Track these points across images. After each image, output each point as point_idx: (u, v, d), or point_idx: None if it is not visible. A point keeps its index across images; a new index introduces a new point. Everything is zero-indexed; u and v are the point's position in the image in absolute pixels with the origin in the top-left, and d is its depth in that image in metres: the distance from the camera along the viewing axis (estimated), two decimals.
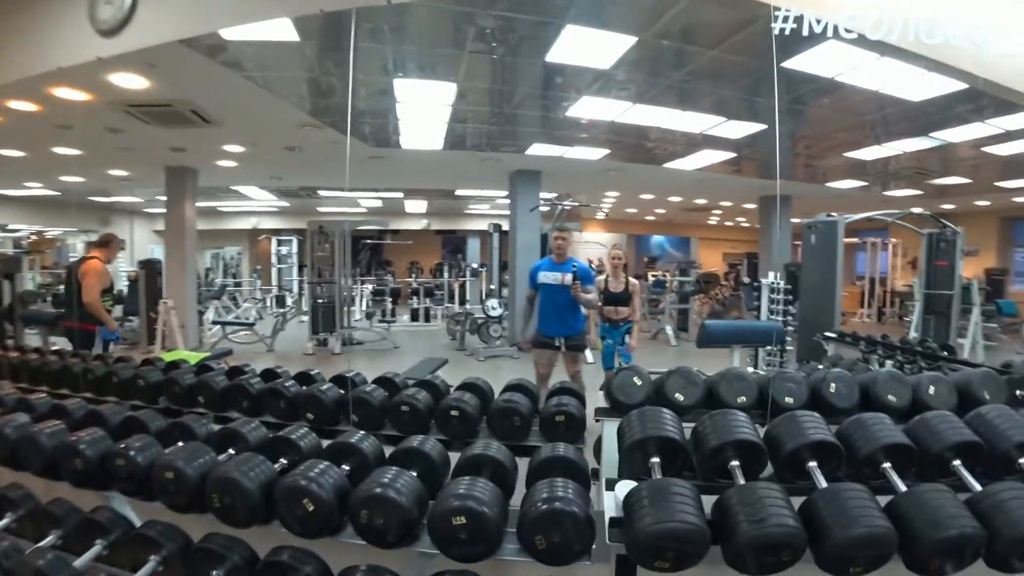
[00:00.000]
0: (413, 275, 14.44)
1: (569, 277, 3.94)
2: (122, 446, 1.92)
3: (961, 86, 4.45)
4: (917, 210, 7.48)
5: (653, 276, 11.39)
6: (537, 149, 7.52)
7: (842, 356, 5.16)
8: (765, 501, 1.30)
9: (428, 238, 17.94)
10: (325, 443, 2.03)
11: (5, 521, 1.98)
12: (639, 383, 2.20)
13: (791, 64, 4.25)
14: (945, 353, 4.51)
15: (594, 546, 1.43)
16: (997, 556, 1.39)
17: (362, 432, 1.91)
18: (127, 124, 5.95)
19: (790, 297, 6.64)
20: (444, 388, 2.61)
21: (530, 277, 4.28)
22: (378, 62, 4.52)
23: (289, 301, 12.65)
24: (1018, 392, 2.42)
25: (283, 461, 1.83)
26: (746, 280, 11.54)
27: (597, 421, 2.47)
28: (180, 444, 2.01)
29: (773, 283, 6.43)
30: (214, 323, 8.92)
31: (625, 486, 1.43)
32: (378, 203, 14.36)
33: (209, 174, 8.79)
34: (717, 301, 12.97)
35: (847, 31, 2.12)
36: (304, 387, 2.69)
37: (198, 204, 8.80)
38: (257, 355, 7.92)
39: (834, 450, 1.58)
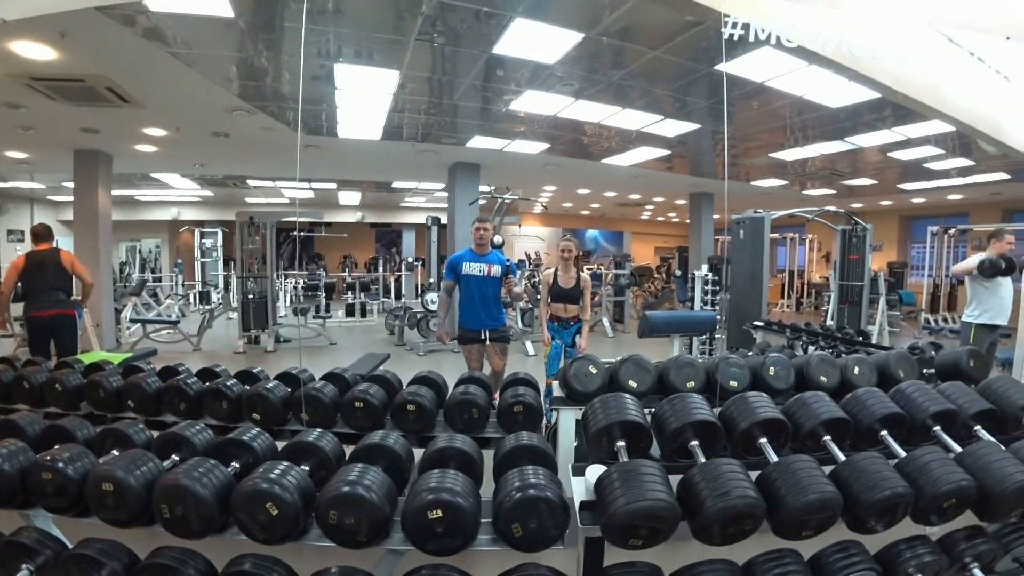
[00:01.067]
0: (347, 269, 14.04)
1: (497, 268, 3.99)
2: (47, 458, 1.75)
3: (874, 95, 4.83)
4: (833, 208, 8.05)
5: (589, 269, 11.65)
6: (477, 142, 7.49)
7: (769, 343, 5.50)
8: (727, 476, 1.38)
9: (362, 231, 17.49)
10: (279, 444, 1.96)
11: None
12: (594, 372, 2.26)
13: (722, 67, 4.45)
14: (861, 338, 4.90)
15: (567, 531, 1.46)
16: (921, 512, 1.58)
17: (319, 430, 1.84)
18: (30, 100, 5.40)
19: (716, 288, 7.00)
20: (397, 383, 2.56)
21: (449, 268, 4.11)
22: (319, 46, 4.34)
23: (215, 297, 11.98)
24: (925, 371, 2.69)
25: (235, 465, 1.74)
26: (678, 273, 12.03)
27: (553, 410, 2.52)
28: (115, 453, 1.87)
29: (705, 275, 6.76)
30: (133, 321, 8.30)
31: (595, 470, 1.47)
32: (310, 194, 13.85)
33: (125, 160, 8.13)
34: (651, 294, 13.47)
35: (788, 40, 2.25)
36: (248, 386, 2.56)
37: (112, 192, 8.14)
38: (183, 355, 7.45)
39: (781, 426, 1.69)
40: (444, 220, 9.54)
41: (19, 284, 5.02)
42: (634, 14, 3.58)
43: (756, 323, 5.92)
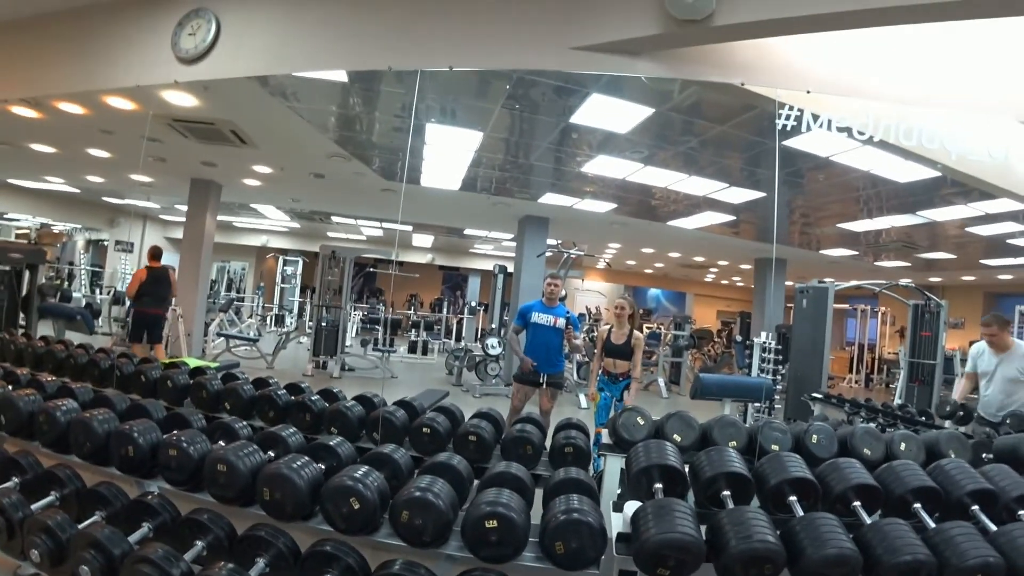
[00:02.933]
0: (412, 308, 14.68)
1: (562, 321, 4.37)
2: (174, 437, 2.12)
3: (938, 174, 4.86)
4: (904, 281, 7.82)
5: (648, 328, 11.66)
6: (548, 198, 7.89)
7: (827, 416, 5.39)
8: (752, 522, 1.53)
9: (430, 272, 18.24)
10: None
11: (51, 498, 2.15)
12: (642, 423, 2.44)
13: (790, 142, 4.63)
14: (923, 418, 4.76)
15: (603, 557, 1.65)
16: None
17: (395, 445, 2.12)
18: (167, 136, 6.22)
19: (780, 357, 6.92)
20: (460, 415, 2.83)
21: (520, 315, 4.53)
22: (415, 107, 4.87)
23: (288, 321, 12.80)
24: (984, 455, 2.67)
25: (322, 466, 2.04)
26: (739, 338, 11.82)
27: (601, 456, 2.69)
28: (222, 443, 2.22)
29: (765, 342, 6.72)
30: (219, 335, 9.06)
31: (632, 505, 1.66)
32: (380, 232, 14.68)
33: (233, 190, 9.09)
34: (709, 357, 13.24)
35: (839, 128, 2.46)
36: (328, 403, 2.90)
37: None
38: (258, 371, 8.04)
39: (811, 487, 1.82)
40: (510, 269, 9.93)
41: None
42: (698, 94, 3.87)
43: (815, 395, 5.82)
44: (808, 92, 2.68)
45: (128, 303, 10.50)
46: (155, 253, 6.78)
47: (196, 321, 8.40)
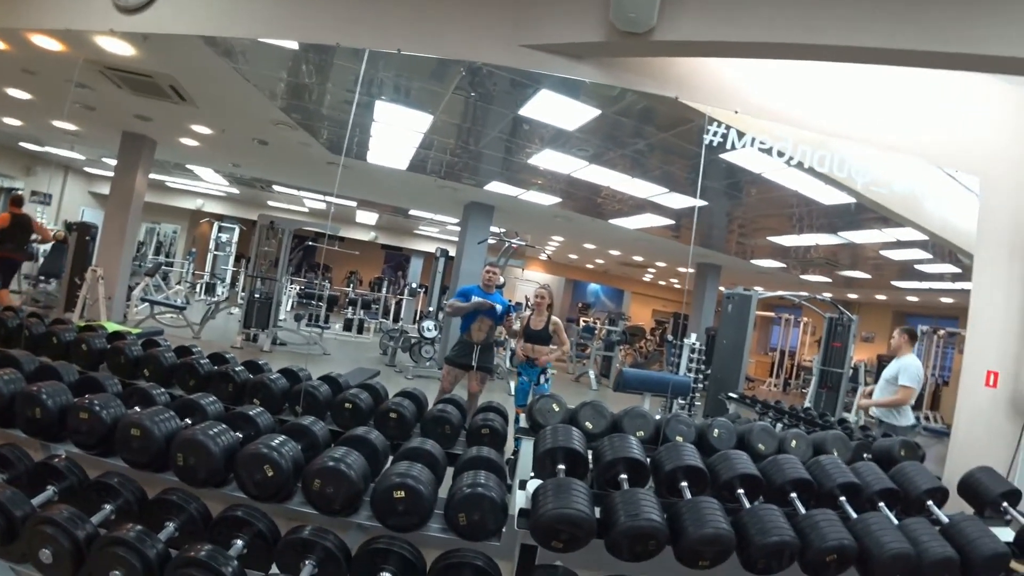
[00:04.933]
0: (351, 285, 14.42)
1: (499, 308, 4.50)
2: (86, 400, 2.08)
3: (852, 200, 5.27)
4: (821, 296, 8.40)
5: (584, 322, 11.97)
6: (494, 186, 7.96)
7: (740, 415, 5.79)
8: (641, 502, 1.68)
9: (371, 250, 17.94)
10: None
11: None
12: (556, 409, 2.57)
13: (728, 156, 4.89)
14: (822, 421, 5.20)
15: (504, 529, 1.76)
16: (809, 565, 1.84)
17: (314, 418, 2.16)
18: (98, 84, 5.82)
19: (705, 358, 7.32)
20: (384, 393, 2.88)
21: (460, 294, 4.65)
22: (367, 82, 4.81)
23: (220, 290, 12.33)
24: (865, 455, 2.98)
25: (239, 435, 2.05)
26: (670, 338, 12.33)
27: (517, 438, 2.82)
28: (137, 408, 2.19)
29: (694, 344, 7.09)
30: (143, 300, 8.65)
31: (534, 483, 1.78)
32: (322, 206, 14.29)
33: (168, 148, 8.64)
34: (640, 354, 13.75)
35: (760, 148, 2.66)
36: (253, 375, 2.89)
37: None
38: (183, 340, 7.71)
39: (702, 475, 2.00)
40: (452, 253, 9.95)
41: None
42: (643, 101, 4.04)
43: (731, 395, 6.22)
44: (736, 112, 2.87)
45: (41, 260, 9.91)
46: (16, 200, 6.86)
47: (119, 284, 7.97)
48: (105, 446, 2.06)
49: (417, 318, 10.83)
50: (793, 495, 2.11)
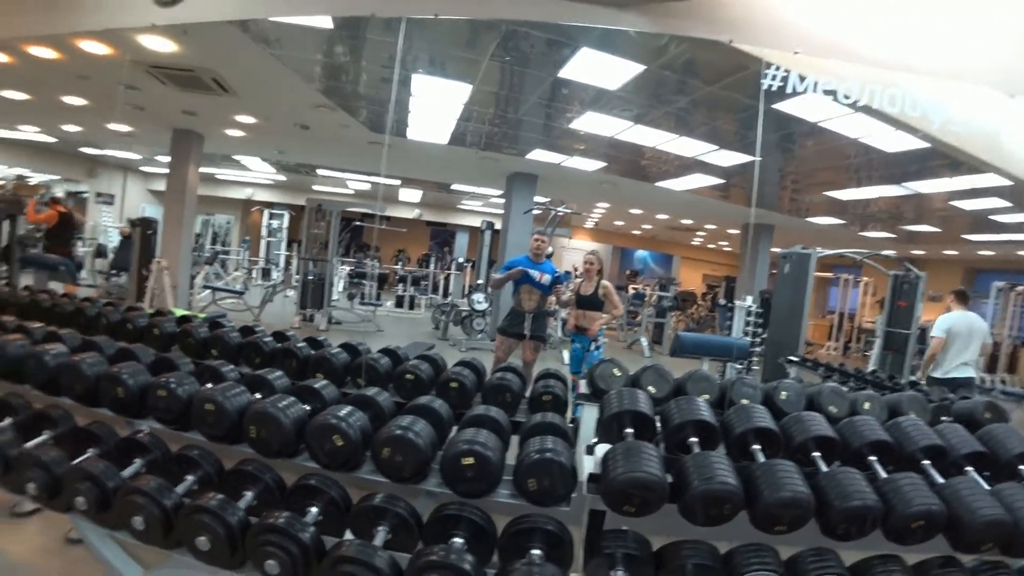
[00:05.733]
0: (400, 263, 14.66)
1: (547, 277, 4.48)
2: (163, 379, 2.17)
3: (926, 145, 4.90)
4: (885, 252, 7.96)
5: (633, 289, 11.79)
6: (537, 155, 7.84)
7: (802, 379, 5.58)
8: (714, 465, 1.63)
9: (418, 227, 18.14)
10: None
11: (44, 436, 2.21)
12: (618, 374, 2.52)
13: (781, 106, 4.63)
14: (892, 383, 4.95)
15: (573, 494, 1.75)
16: (893, 530, 1.75)
17: (378, 388, 2.19)
18: (144, 83, 6.05)
19: (761, 321, 7.08)
20: (443, 364, 2.90)
21: (507, 267, 4.63)
22: (402, 58, 4.78)
23: (275, 275, 12.76)
24: (943, 418, 2.81)
25: (306, 407, 2.10)
26: (723, 302, 12.02)
27: (576, 404, 2.79)
28: (210, 385, 2.27)
29: (748, 306, 6.86)
30: (205, 287, 9.04)
31: (603, 448, 1.75)
32: (367, 187, 14.51)
33: (215, 141, 8.91)
34: (692, 319, 13.47)
35: (825, 91, 2.47)
36: (314, 350, 2.95)
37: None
38: (244, 323, 8.06)
39: (775, 437, 1.92)
40: (498, 225, 9.92)
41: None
42: (689, 52, 3.84)
43: (791, 358, 6.00)
44: (796, 53, 2.67)
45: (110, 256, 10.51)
46: (57, 199, 7.54)
47: (181, 274, 8.35)
48: (183, 421, 2.14)
49: (466, 292, 10.92)
50: (872, 458, 2.00)
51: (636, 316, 10.67)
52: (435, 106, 6.28)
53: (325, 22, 4.10)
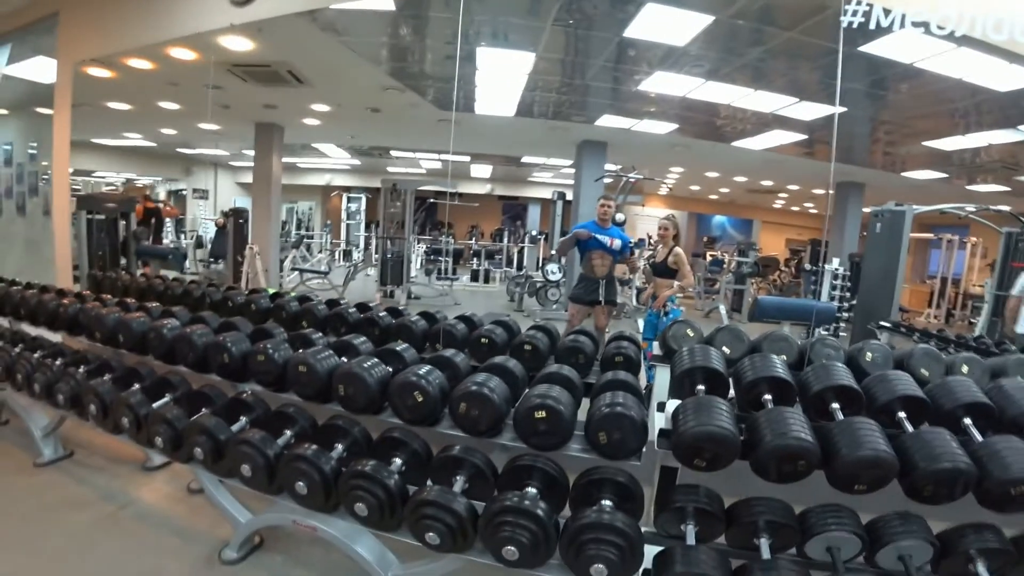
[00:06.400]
0: (473, 238, 14.96)
1: (617, 242, 4.45)
2: (261, 345, 2.39)
3: None
4: (998, 207, 7.17)
5: (711, 256, 11.38)
6: (605, 120, 7.68)
7: (894, 347, 5.20)
8: (788, 420, 1.60)
9: (489, 202, 18.32)
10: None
11: (167, 398, 2.51)
12: (691, 334, 2.49)
13: (869, 48, 4.27)
14: (999, 350, 4.52)
15: (644, 450, 1.78)
16: (988, 495, 1.62)
17: (454, 350, 2.30)
18: (227, 82, 6.45)
19: (850, 286, 6.66)
20: (517, 328, 2.98)
21: (578, 229, 4.62)
22: (465, 30, 4.81)
23: (355, 255, 13.38)
24: None
25: (389, 368, 2.25)
26: (808, 267, 11.36)
27: (650, 367, 2.79)
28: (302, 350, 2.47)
29: (836, 269, 6.46)
30: (293, 269, 9.66)
31: (674, 403, 1.76)
32: (438, 165, 14.78)
33: (294, 131, 9.39)
34: (775, 286, 12.84)
35: (914, 24, 2.24)
36: (395, 319, 3.12)
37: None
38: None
39: (856, 396, 1.84)
40: (569, 196, 9.86)
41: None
42: None
43: (883, 323, 5.63)
44: None
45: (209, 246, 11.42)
46: (147, 196, 8.43)
47: (271, 258, 8.95)
48: (280, 383, 2.36)
49: (539, 264, 11.00)
50: (967, 421, 1.84)
51: (714, 283, 10.33)
52: (501, 78, 6.29)
53: (387, 3, 4.20)
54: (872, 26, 2.20)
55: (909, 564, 1.64)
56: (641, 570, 1.56)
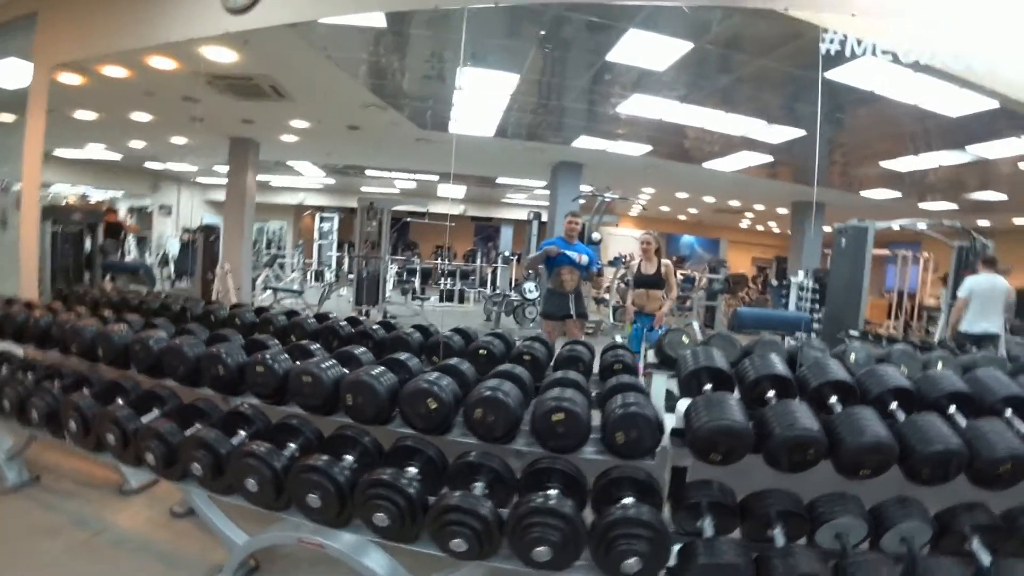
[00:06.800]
0: (440, 259, 15.00)
1: (585, 258, 4.59)
2: (261, 355, 2.34)
3: (995, 104, 4.68)
4: (948, 222, 7.61)
5: (683, 274, 11.66)
6: (582, 142, 7.86)
7: None
8: (795, 413, 1.67)
9: (462, 224, 18.34)
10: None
11: (155, 413, 2.42)
12: (686, 341, 2.57)
13: (831, 75, 4.52)
14: (961, 351, 4.77)
15: (658, 449, 1.82)
16: (979, 474, 1.74)
17: (459, 358, 2.31)
18: (205, 95, 6.29)
19: (817, 297, 6.92)
20: (512, 340, 3.01)
21: (540, 248, 4.77)
22: (451, 51, 4.90)
23: (327, 276, 13.19)
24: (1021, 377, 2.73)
25: (395, 377, 2.23)
26: (774, 283, 11.73)
27: (647, 374, 2.85)
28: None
29: (802, 281, 6.72)
30: (266, 288, 9.47)
31: (684, 402, 1.81)
32: (412, 184, 14.76)
33: (269, 147, 9.28)
34: (743, 302, 13.18)
35: (883, 52, 2.43)
36: (388, 332, 3.11)
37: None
38: None
39: (851, 390, 1.93)
40: (545, 217, 10.00)
41: None
42: (738, 26, 3.82)
43: (851, 332, 5.86)
44: (853, 16, 2.64)
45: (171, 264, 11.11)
46: (109, 210, 8.14)
47: (244, 277, 8.75)
48: (279, 395, 2.31)
49: (512, 284, 11.07)
50: (952, 408, 1.97)
51: (687, 301, 10.56)
52: (482, 99, 6.38)
53: (379, 20, 4.26)
54: (848, 55, 2.37)
55: (912, 545, 1.73)
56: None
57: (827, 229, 11.86)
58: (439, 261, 14.60)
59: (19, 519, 2.62)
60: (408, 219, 14.53)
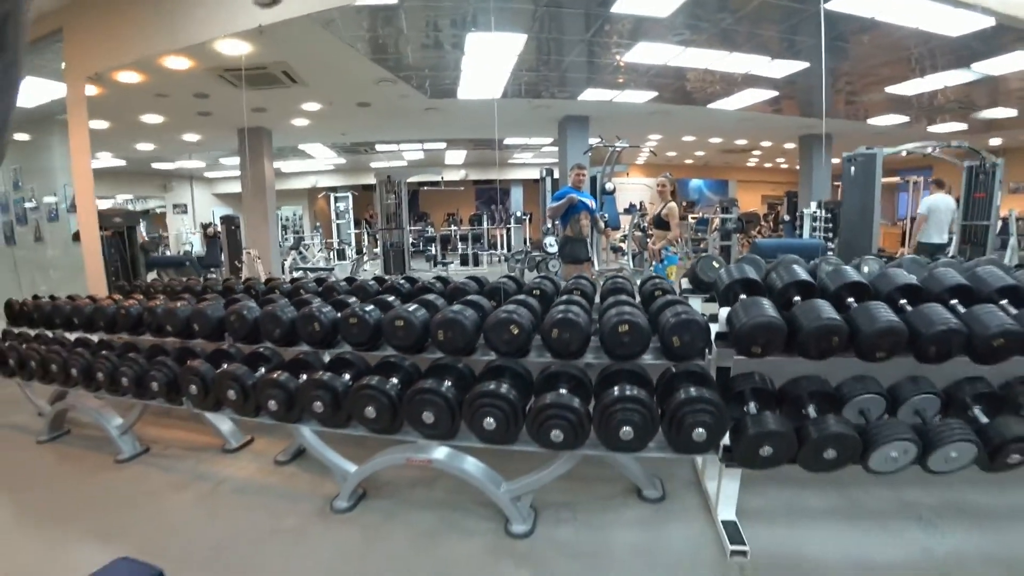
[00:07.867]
0: (451, 225, 15.32)
1: (594, 204, 5.07)
2: (353, 308, 2.68)
3: (991, 21, 4.81)
4: (956, 142, 7.67)
5: (695, 218, 11.88)
6: (588, 94, 8.02)
7: None
8: (820, 308, 2.01)
9: (468, 189, 18.54)
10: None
11: (263, 370, 2.79)
12: (717, 266, 2.90)
13: (831, 5, 4.69)
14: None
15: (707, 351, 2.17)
16: (976, 351, 2.05)
17: (525, 296, 2.66)
18: (216, 89, 6.48)
19: (829, 226, 7.17)
20: (559, 282, 3.34)
21: (557, 197, 5.13)
22: (456, 16, 5.09)
23: (349, 253, 13.58)
24: None
25: (475, 313, 2.56)
26: (786, 218, 11.94)
27: (683, 296, 3.19)
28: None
29: (814, 212, 6.97)
30: (297, 269, 9.88)
31: (724, 311, 2.16)
32: (421, 155, 14.96)
33: (281, 134, 9.49)
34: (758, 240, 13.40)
35: None
36: (413, 285, 3.47)
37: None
38: None
39: (865, 290, 2.25)
40: (557, 173, 10.22)
41: None
42: None
43: (867, 257, 6.12)
44: None
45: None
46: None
47: (272, 260, 9.11)
48: (372, 343, 2.64)
49: (526, 242, 11.42)
50: (954, 301, 2.22)
51: (701, 243, 10.82)
52: (490, 61, 6.53)
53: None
54: None
55: (925, 415, 2.10)
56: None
57: (836, 161, 11.98)
58: (452, 228, 14.93)
59: (147, 481, 2.96)
60: (424, 187, 14.76)
